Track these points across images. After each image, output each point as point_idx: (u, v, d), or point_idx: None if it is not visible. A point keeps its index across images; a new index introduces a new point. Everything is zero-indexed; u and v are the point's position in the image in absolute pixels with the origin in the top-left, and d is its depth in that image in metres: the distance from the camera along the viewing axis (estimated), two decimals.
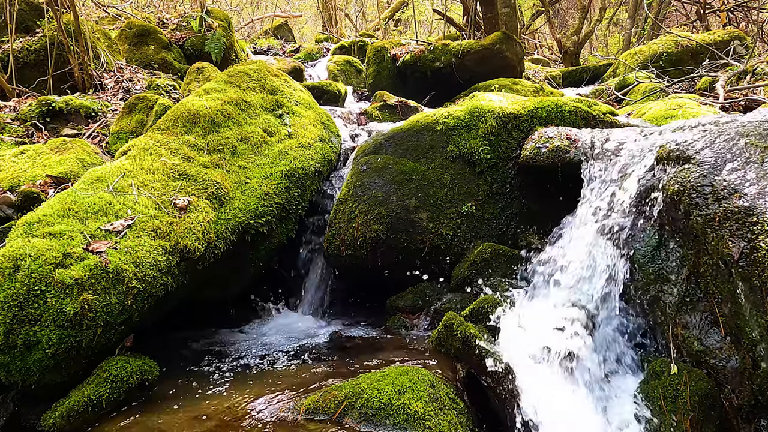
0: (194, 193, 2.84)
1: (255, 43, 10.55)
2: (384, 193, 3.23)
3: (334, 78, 7.24)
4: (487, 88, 6.05)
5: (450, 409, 1.95)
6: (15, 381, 2.05)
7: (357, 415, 1.89)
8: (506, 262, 2.94)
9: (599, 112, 3.38)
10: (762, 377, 1.83)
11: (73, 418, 2.03)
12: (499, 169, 3.26)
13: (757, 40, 6.97)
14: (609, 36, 14.84)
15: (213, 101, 3.43)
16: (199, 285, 2.81)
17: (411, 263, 3.17)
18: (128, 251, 2.33)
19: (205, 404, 2.15)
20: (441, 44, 6.82)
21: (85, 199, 2.52)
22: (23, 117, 4.14)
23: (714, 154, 2.12)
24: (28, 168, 3.28)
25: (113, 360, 2.22)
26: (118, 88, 5.04)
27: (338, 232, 3.28)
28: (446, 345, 2.30)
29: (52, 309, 2.05)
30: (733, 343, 1.98)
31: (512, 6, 8.05)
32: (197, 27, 6.71)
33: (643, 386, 2.07)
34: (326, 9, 15.23)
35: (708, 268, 2.07)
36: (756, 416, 1.88)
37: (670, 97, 4.82)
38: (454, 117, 3.44)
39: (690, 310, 2.14)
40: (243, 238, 2.95)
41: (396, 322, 3.02)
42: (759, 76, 5.27)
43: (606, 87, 6.81)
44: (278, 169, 3.28)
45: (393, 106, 5.38)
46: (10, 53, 4.66)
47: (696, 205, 2.03)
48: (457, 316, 2.32)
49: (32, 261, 2.11)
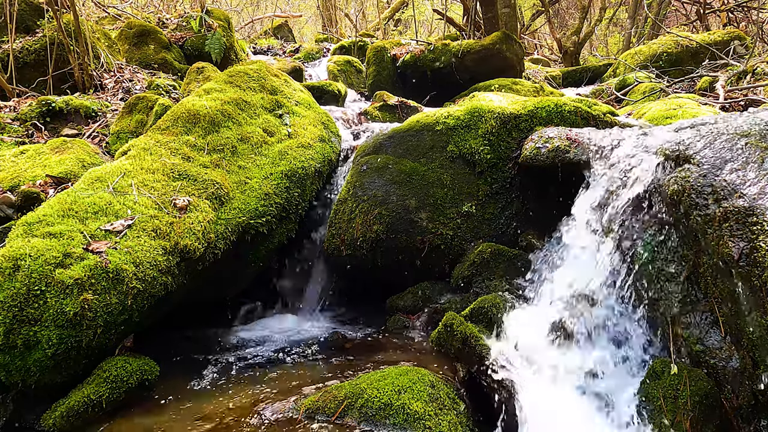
0: (194, 193, 2.84)
1: (255, 43, 10.55)
2: (384, 193, 3.23)
3: (334, 78, 7.23)
4: (487, 88, 6.05)
5: (450, 409, 1.95)
6: (15, 381, 2.05)
7: (357, 415, 1.89)
8: (506, 262, 2.94)
9: (599, 112, 3.38)
10: (762, 377, 1.82)
11: (73, 418, 2.04)
12: (499, 169, 3.26)
13: (757, 40, 6.97)
14: (609, 36, 14.84)
15: (213, 101, 3.43)
16: (199, 285, 2.81)
17: (411, 263, 3.17)
18: (128, 251, 2.33)
19: (206, 404, 2.15)
20: (441, 44, 6.82)
21: (85, 199, 2.52)
22: (23, 117, 4.14)
23: (714, 154, 2.12)
24: (28, 168, 3.28)
25: (113, 360, 2.23)
26: (118, 88, 5.04)
27: (338, 232, 3.28)
28: (446, 345, 2.30)
29: (52, 309, 2.05)
30: (733, 343, 1.98)
31: (512, 6, 8.05)
32: (197, 27, 6.71)
33: (643, 386, 2.06)
34: (326, 9, 15.23)
35: (708, 268, 2.07)
36: (756, 416, 1.88)
37: (670, 97, 4.82)
38: (454, 117, 3.44)
39: (690, 310, 2.14)
40: (243, 238, 2.95)
41: (396, 322, 3.02)
42: (759, 76, 5.27)
43: (606, 87, 6.81)
44: (278, 169, 3.28)
45: (393, 106, 5.38)
46: (10, 53, 4.67)
47: (696, 205, 2.03)
48: (457, 316, 2.32)
49: (32, 261, 2.11)
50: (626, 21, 12.23)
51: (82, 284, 2.13)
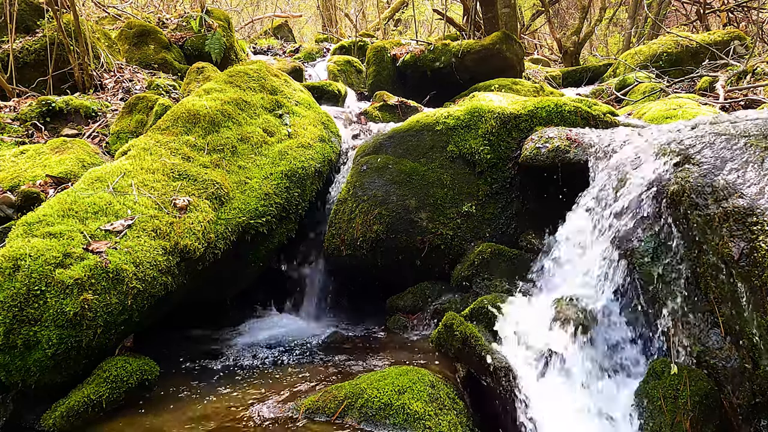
0: (194, 193, 2.84)
1: (255, 43, 10.55)
2: (384, 193, 3.23)
3: (334, 78, 7.23)
4: (487, 88, 6.05)
5: (450, 409, 1.95)
6: (15, 381, 2.05)
7: (357, 415, 1.89)
8: (506, 262, 2.94)
9: (599, 112, 3.38)
10: (762, 377, 1.82)
11: (73, 418, 2.03)
12: (499, 169, 3.26)
13: (757, 40, 6.97)
14: (609, 36, 14.84)
15: (213, 101, 3.43)
16: (199, 285, 2.81)
17: (411, 263, 3.17)
18: (128, 251, 2.33)
19: (206, 404, 2.15)
20: (441, 44, 6.82)
21: (85, 199, 2.52)
22: (23, 117, 4.14)
23: (714, 154, 2.12)
24: (28, 168, 3.28)
25: (113, 360, 2.22)
26: (118, 88, 5.04)
27: (338, 232, 3.28)
28: (446, 345, 2.30)
29: (52, 309, 2.05)
30: (733, 343, 1.98)
31: (512, 6, 8.05)
32: (197, 27, 6.71)
33: (643, 386, 2.06)
34: (326, 9, 15.23)
35: (708, 268, 2.07)
36: (756, 416, 1.88)
37: (670, 97, 4.82)
38: (454, 117, 3.44)
39: (690, 310, 2.14)
40: (243, 238, 2.95)
41: (396, 322, 3.02)
42: (759, 76, 5.27)
43: (606, 87, 6.81)
44: (278, 169, 3.28)
45: (393, 106, 5.37)
46: (10, 53, 4.66)
47: (696, 206, 2.03)
48: (457, 316, 2.32)
49: (32, 261, 2.11)
50: (626, 21, 12.23)
51: (82, 284, 2.13)
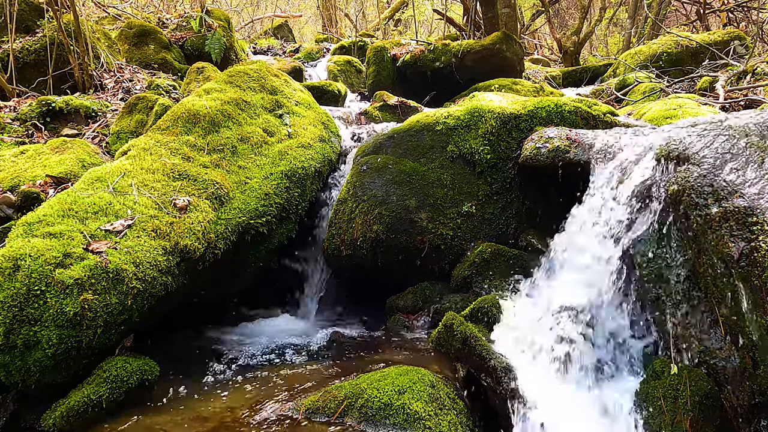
0: (194, 193, 2.84)
1: (255, 43, 10.56)
2: (384, 193, 3.23)
3: (334, 78, 7.24)
4: (487, 88, 6.05)
5: (450, 409, 1.95)
6: (15, 381, 2.05)
7: (357, 415, 1.89)
8: (506, 262, 2.94)
9: (599, 112, 3.38)
10: (762, 377, 1.82)
11: (73, 418, 2.03)
12: (499, 169, 3.26)
13: (757, 40, 6.97)
14: (609, 36, 14.84)
15: (213, 101, 3.43)
16: (199, 285, 2.81)
17: (411, 263, 3.17)
18: (128, 251, 2.33)
19: (206, 404, 2.15)
20: (441, 44, 6.82)
21: (85, 199, 2.52)
22: (23, 117, 4.14)
23: (714, 154, 2.12)
24: (28, 168, 3.28)
25: (113, 360, 2.22)
26: (118, 88, 5.04)
27: (338, 232, 3.28)
28: (446, 345, 2.30)
29: (52, 309, 2.05)
30: (733, 343, 1.98)
31: (512, 6, 8.05)
32: (197, 27, 6.71)
33: (643, 386, 2.06)
34: (326, 9, 15.23)
35: (708, 268, 2.07)
36: (756, 416, 1.88)
37: (670, 97, 4.82)
38: (454, 117, 3.44)
39: (690, 310, 2.14)
40: (243, 238, 2.95)
41: (396, 322, 3.01)
42: (759, 76, 5.27)
43: (606, 87, 6.81)
44: (278, 169, 3.28)
45: (393, 106, 5.37)
46: (10, 53, 4.66)
47: (696, 206, 2.03)
48: (457, 316, 2.32)
49: (32, 261, 2.11)
50: (626, 21, 12.23)
51: (82, 284, 2.13)
